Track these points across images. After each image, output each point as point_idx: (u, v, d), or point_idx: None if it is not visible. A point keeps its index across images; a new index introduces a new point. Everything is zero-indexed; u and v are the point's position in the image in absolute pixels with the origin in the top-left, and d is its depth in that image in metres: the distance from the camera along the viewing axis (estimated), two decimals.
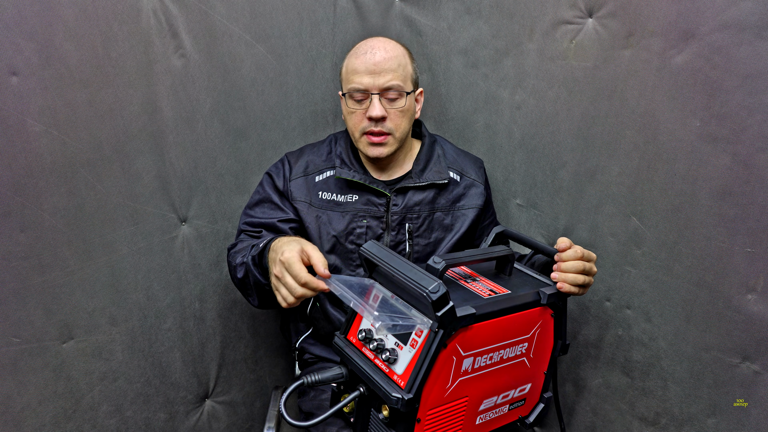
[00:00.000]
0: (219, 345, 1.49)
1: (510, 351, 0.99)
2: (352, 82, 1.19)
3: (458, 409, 0.96)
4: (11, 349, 1.14)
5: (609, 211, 1.22)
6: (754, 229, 0.98)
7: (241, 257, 1.17)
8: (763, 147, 0.95)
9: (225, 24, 1.33)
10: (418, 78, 1.29)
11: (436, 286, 0.84)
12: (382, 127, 1.19)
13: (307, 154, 1.31)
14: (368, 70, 1.17)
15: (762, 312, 0.99)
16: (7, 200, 1.09)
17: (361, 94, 1.18)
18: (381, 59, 1.18)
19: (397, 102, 1.19)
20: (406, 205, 1.24)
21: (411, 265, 0.91)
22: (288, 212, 1.26)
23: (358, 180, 1.23)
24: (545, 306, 1.01)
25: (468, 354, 0.92)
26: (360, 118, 1.20)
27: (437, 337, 0.87)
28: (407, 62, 1.23)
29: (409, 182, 1.25)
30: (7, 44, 1.05)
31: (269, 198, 1.28)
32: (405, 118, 1.22)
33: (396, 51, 1.21)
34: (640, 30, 1.10)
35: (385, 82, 1.17)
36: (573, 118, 1.27)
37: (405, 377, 0.89)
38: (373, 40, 1.22)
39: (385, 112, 1.18)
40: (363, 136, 1.21)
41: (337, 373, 0.97)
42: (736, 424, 1.06)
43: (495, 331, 0.95)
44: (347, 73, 1.22)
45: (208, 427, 1.52)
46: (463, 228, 1.28)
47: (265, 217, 1.26)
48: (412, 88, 1.24)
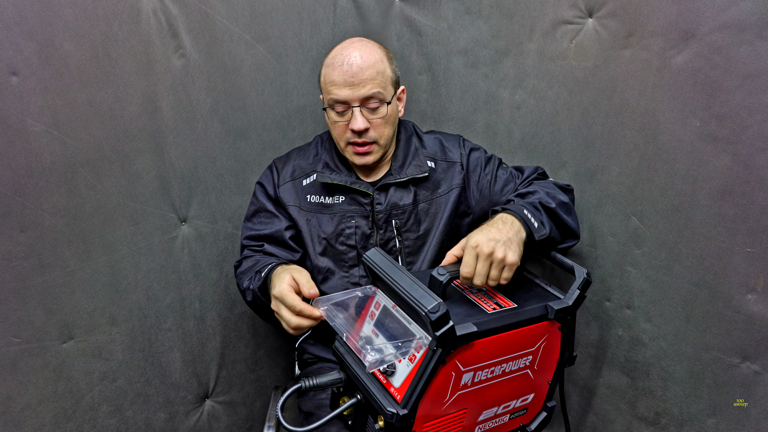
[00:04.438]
0: (219, 345, 1.49)
1: (513, 364, 0.96)
2: (331, 94, 1.17)
3: (456, 421, 0.95)
4: (11, 349, 1.14)
5: (609, 211, 1.22)
6: (754, 229, 0.98)
7: (247, 281, 1.19)
8: (763, 147, 0.95)
9: (225, 24, 1.32)
10: (399, 77, 1.26)
11: (436, 306, 0.82)
12: (366, 138, 1.18)
13: (294, 159, 1.31)
14: (346, 82, 1.15)
15: (762, 312, 0.99)
16: (7, 200, 1.09)
17: (342, 105, 1.17)
18: (358, 69, 1.14)
19: (379, 110, 1.17)
20: (389, 201, 1.24)
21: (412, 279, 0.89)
22: (283, 219, 1.27)
23: (338, 182, 1.23)
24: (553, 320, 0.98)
25: (468, 369, 0.90)
26: (343, 129, 1.19)
27: (436, 355, 0.85)
28: (385, 66, 1.19)
29: (389, 179, 1.24)
30: (7, 44, 1.05)
31: (264, 207, 1.29)
32: (388, 125, 1.20)
33: (373, 57, 1.17)
34: (640, 30, 1.10)
35: (365, 93, 1.15)
36: (573, 118, 1.27)
37: (402, 391, 0.87)
38: (348, 47, 1.18)
39: (367, 124, 1.17)
40: (348, 146, 1.21)
41: (335, 378, 0.96)
42: (736, 424, 1.06)
43: (498, 346, 0.92)
44: (325, 84, 1.19)
45: (208, 427, 1.52)
46: (446, 212, 1.26)
47: (263, 228, 1.27)
48: (393, 92, 1.21)
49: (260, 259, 1.23)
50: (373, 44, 1.21)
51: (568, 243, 1.20)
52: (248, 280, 1.19)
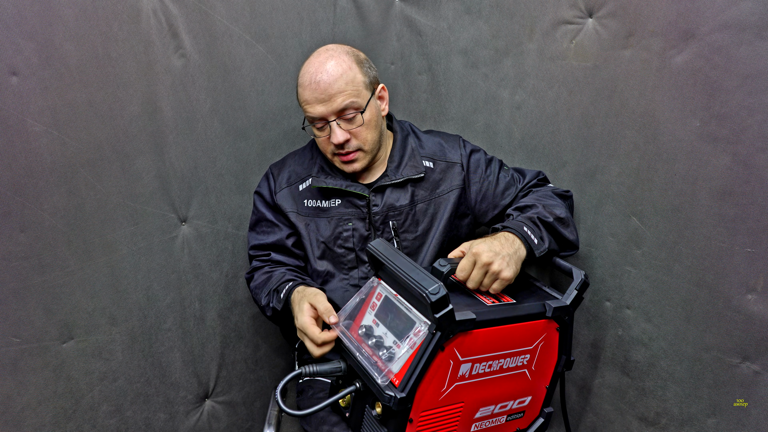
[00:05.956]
0: (219, 345, 1.49)
1: (510, 361, 0.98)
2: (307, 112, 1.18)
3: (452, 414, 0.96)
4: (11, 349, 1.14)
5: (609, 211, 1.22)
6: (754, 229, 0.98)
7: (265, 298, 1.21)
8: (763, 147, 0.95)
9: (225, 24, 1.33)
10: (375, 75, 1.23)
11: (436, 288, 0.84)
12: (349, 147, 1.19)
13: (289, 164, 1.32)
14: (318, 99, 1.14)
15: (762, 312, 0.99)
16: (7, 200, 1.09)
17: (320, 121, 1.17)
18: (327, 85, 1.13)
19: (356, 119, 1.17)
20: (386, 203, 1.24)
21: (415, 266, 0.91)
22: (284, 228, 1.28)
23: (333, 186, 1.23)
24: (550, 319, 1.00)
25: (466, 359, 0.92)
26: (326, 142, 1.20)
27: (434, 339, 0.86)
28: (355, 73, 1.16)
29: (385, 180, 1.24)
30: (7, 44, 1.05)
31: (264, 216, 1.30)
32: (370, 129, 1.20)
33: (340, 68, 1.15)
34: (640, 30, 1.10)
35: (337, 106, 1.14)
36: (573, 118, 1.27)
37: (400, 376, 0.89)
38: (315, 63, 1.17)
39: (347, 135, 1.17)
40: (334, 156, 1.22)
41: (336, 367, 0.99)
42: (736, 424, 1.06)
43: (495, 339, 0.94)
44: (301, 102, 1.20)
45: (208, 427, 1.52)
46: (446, 213, 1.26)
47: (266, 238, 1.29)
48: (370, 95, 1.19)
49: (272, 272, 1.26)
50: (340, 52, 1.18)
51: (568, 253, 1.22)
52: (266, 297, 1.21)
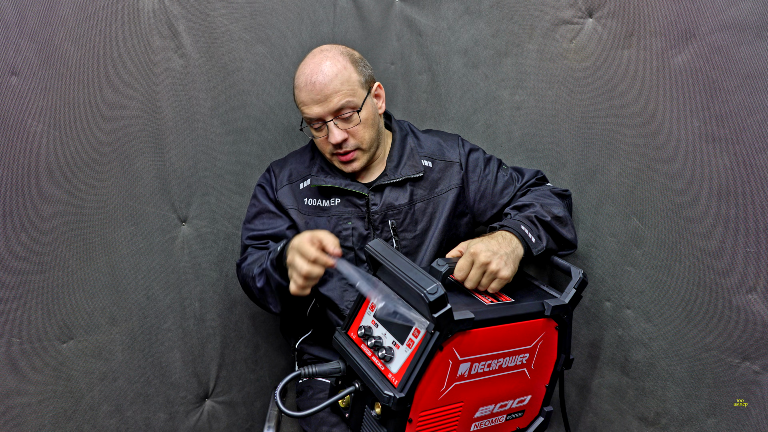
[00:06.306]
0: (219, 345, 1.49)
1: (510, 360, 0.98)
2: (303, 113, 1.19)
3: (452, 414, 0.96)
4: (11, 349, 1.14)
5: (609, 211, 1.22)
6: (754, 229, 0.98)
7: (258, 267, 1.18)
8: (763, 147, 0.95)
9: (225, 24, 1.33)
10: (371, 74, 1.24)
11: (435, 287, 0.84)
12: (347, 147, 1.19)
13: (290, 163, 1.32)
14: (314, 100, 1.15)
15: (762, 312, 0.99)
16: (7, 200, 1.09)
17: (317, 122, 1.18)
18: (322, 85, 1.14)
19: (353, 118, 1.17)
20: (385, 202, 1.24)
21: (413, 266, 0.91)
22: (286, 219, 1.27)
23: (332, 185, 1.24)
24: (549, 318, 1.00)
25: (465, 359, 0.92)
26: (324, 142, 1.21)
27: (433, 339, 0.86)
28: (350, 72, 1.17)
29: (384, 180, 1.25)
30: (7, 44, 1.05)
31: (266, 208, 1.29)
32: (367, 128, 1.20)
33: (335, 68, 1.15)
34: (640, 30, 1.10)
35: (334, 106, 1.15)
36: (573, 118, 1.27)
37: (399, 376, 0.89)
38: (310, 64, 1.17)
39: (344, 134, 1.17)
40: (333, 156, 1.22)
41: (335, 368, 0.99)
42: (736, 424, 1.06)
43: (494, 338, 0.94)
44: (297, 103, 1.20)
45: (208, 427, 1.52)
46: (445, 212, 1.26)
47: (267, 228, 1.27)
48: (366, 93, 1.20)
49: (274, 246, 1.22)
50: (335, 52, 1.19)
51: (566, 252, 1.22)
52: (259, 266, 1.18)
